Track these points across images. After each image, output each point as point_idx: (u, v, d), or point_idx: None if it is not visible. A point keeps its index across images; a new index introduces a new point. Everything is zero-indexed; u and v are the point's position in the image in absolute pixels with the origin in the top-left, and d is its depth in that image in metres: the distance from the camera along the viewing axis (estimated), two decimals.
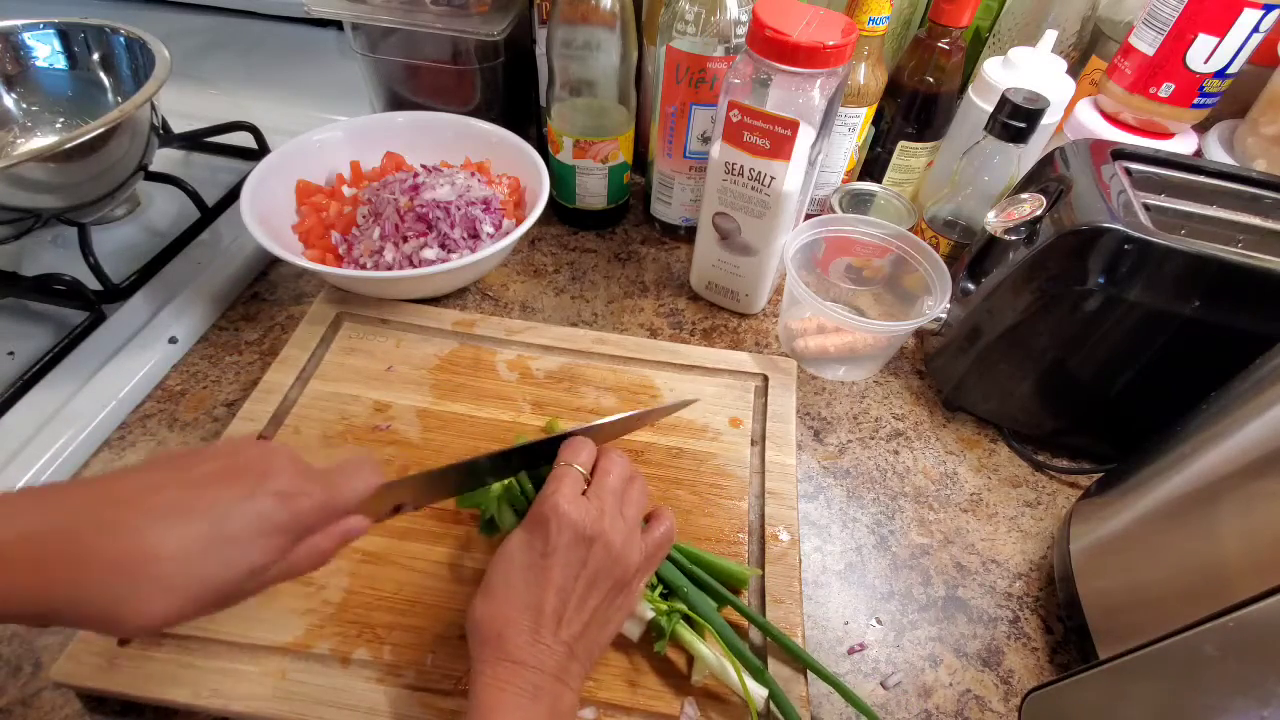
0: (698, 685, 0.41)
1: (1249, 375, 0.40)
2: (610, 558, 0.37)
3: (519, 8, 0.67)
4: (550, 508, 0.37)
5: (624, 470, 0.41)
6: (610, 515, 0.38)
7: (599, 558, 0.37)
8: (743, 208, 0.58)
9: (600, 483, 0.39)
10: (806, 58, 0.49)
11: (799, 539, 0.49)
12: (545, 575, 0.36)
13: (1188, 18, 0.56)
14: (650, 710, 0.40)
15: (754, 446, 0.54)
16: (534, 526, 0.37)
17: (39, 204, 0.57)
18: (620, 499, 0.39)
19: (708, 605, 0.43)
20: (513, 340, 0.60)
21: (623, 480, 0.40)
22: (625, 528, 0.38)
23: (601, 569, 0.37)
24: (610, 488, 0.39)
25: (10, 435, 0.50)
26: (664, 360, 0.59)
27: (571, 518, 0.36)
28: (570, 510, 0.36)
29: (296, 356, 0.57)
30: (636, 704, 0.41)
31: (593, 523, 0.37)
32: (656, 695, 0.41)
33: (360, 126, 0.69)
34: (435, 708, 0.40)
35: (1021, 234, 0.51)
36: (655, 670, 0.42)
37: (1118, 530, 0.43)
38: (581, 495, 0.38)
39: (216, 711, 0.39)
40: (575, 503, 0.37)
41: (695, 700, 0.41)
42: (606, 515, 0.37)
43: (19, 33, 0.65)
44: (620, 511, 0.39)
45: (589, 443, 0.41)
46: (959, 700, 0.44)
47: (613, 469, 0.40)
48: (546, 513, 0.37)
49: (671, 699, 0.41)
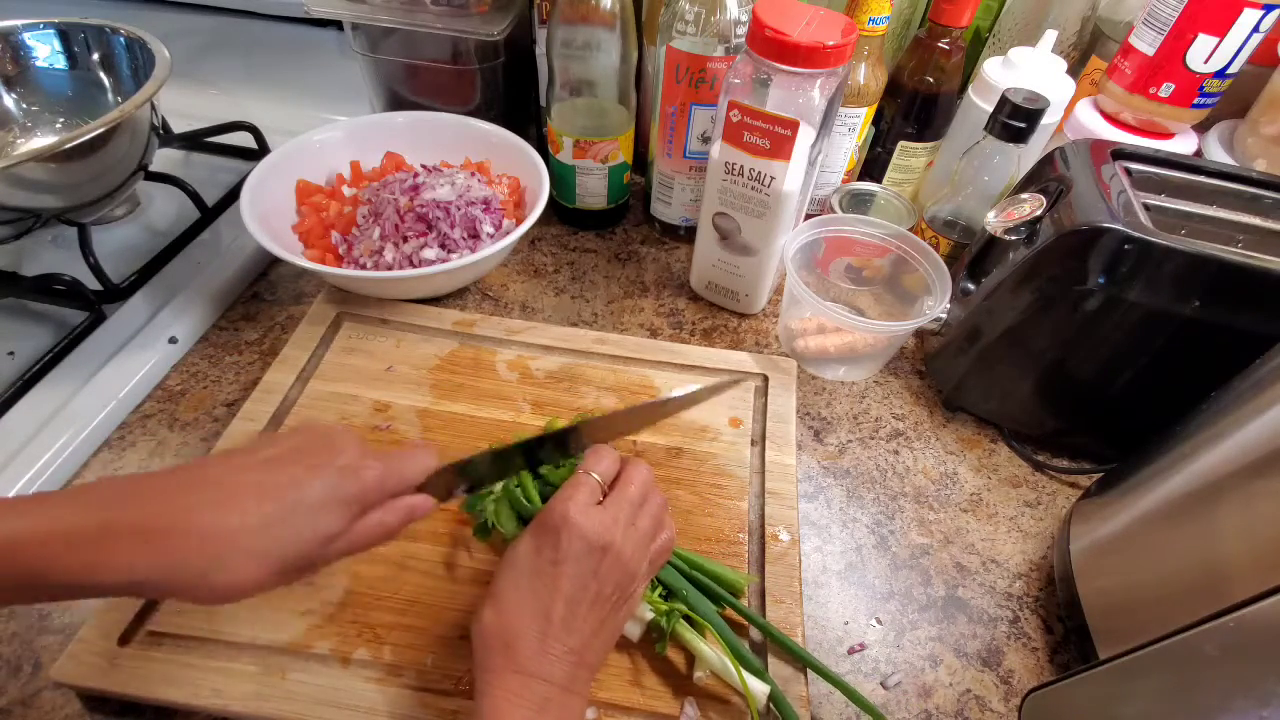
0: (699, 684, 0.41)
1: (1249, 375, 0.40)
2: (620, 568, 0.37)
3: (519, 8, 0.67)
4: (561, 516, 0.36)
5: (645, 482, 0.40)
6: (624, 525, 0.37)
7: (609, 568, 0.36)
8: (743, 208, 0.58)
9: (620, 492, 0.39)
10: (806, 58, 0.49)
11: (799, 539, 0.49)
12: (555, 584, 0.35)
13: (1188, 18, 0.56)
14: (651, 710, 0.41)
15: (754, 447, 0.54)
16: (544, 533, 0.37)
17: (39, 204, 0.57)
18: (637, 510, 0.39)
19: (707, 606, 0.43)
20: (513, 340, 0.60)
21: (643, 492, 0.40)
22: (637, 538, 0.38)
23: (611, 579, 0.36)
24: (629, 498, 0.38)
25: (10, 435, 0.50)
26: (664, 360, 0.59)
27: (584, 527, 0.36)
28: (583, 520, 0.36)
29: (296, 356, 0.57)
30: (637, 704, 0.41)
31: (605, 532, 0.36)
32: (657, 695, 0.41)
33: (360, 126, 0.69)
34: (435, 707, 0.40)
35: (1021, 234, 0.51)
36: (655, 670, 0.42)
37: (1118, 530, 0.43)
38: (596, 504, 0.38)
39: (217, 711, 0.39)
40: (588, 512, 0.37)
41: (696, 700, 0.41)
42: (620, 524, 0.37)
43: (19, 33, 0.65)
44: (634, 522, 0.38)
45: (613, 453, 0.41)
46: (959, 700, 0.44)
47: (635, 479, 0.39)
48: (557, 521, 0.36)
49: (671, 699, 0.41)
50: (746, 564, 0.48)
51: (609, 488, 0.39)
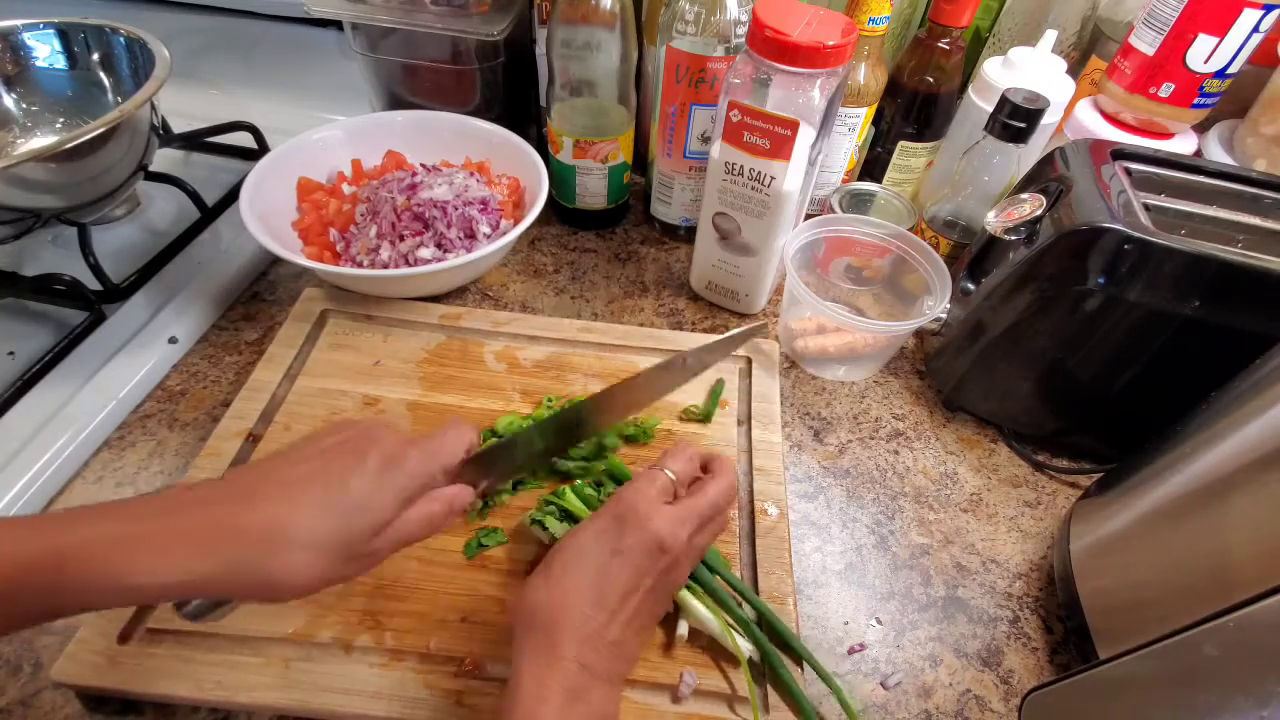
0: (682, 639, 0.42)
1: (1249, 375, 0.40)
2: (674, 573, 0.37)
3: (519, 8, 0.67)
4: (630, 507, 0.36)
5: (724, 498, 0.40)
6: (689, 533, 0.37)
7: (665, 569, 0.36)
8: (743, 208, 0.58)
9: (696, 500, 0.38)
10: (806, 58, 0.49)
11: (787, 513, 0.50)
12: (612, 573, 0.35)
13: (1188, 18, 0.56)
14: (651, 681, 0.41)
15: (740, 426, 0.56)
16: (612, 521, 0.36)
17: (39, 204, 0.57)
18: (705, 524, 0.38)
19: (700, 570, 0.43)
20: (500, 331, 0.61)
21: (715, 509, 0.39)
22: (694, 552, 0.38)
23: (664, 580, 0.36)
24: (701, 510, 0.38)
25: (10, 435, 0.50)
26: (650, 346, 0.60)
27: (654, 524, 0.36)
28: (654, 516, 0.36)
29: (283, 354, 0.57)
30: (638, 676, 0.41)
31: (670, 534, 0.36)
32: (656, 666, 0.42)
33: (360, 126, 0.69)
34: (440, 689, 0.40)
35: (1021, 234, 0.51)
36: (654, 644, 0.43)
37: (1118, 530, 0.43)
38: (668, 504, 0.37)
39: (220, 703, 0.40)
40: (658, 509, 0.36)
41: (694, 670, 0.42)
42: (686, 531, 0.37)
43: (19, 33, 0.65)
44: (700, 531, 0.38)
45: (692, 452, 0.41)
46: (959, 700, 0.44)
47: (712, 493, 0.39)
48: (625, 511, 0.36)
49: (672, 668, 0.42)
50: (737, 538, 0.49)
51: (686, 489, 0.39)
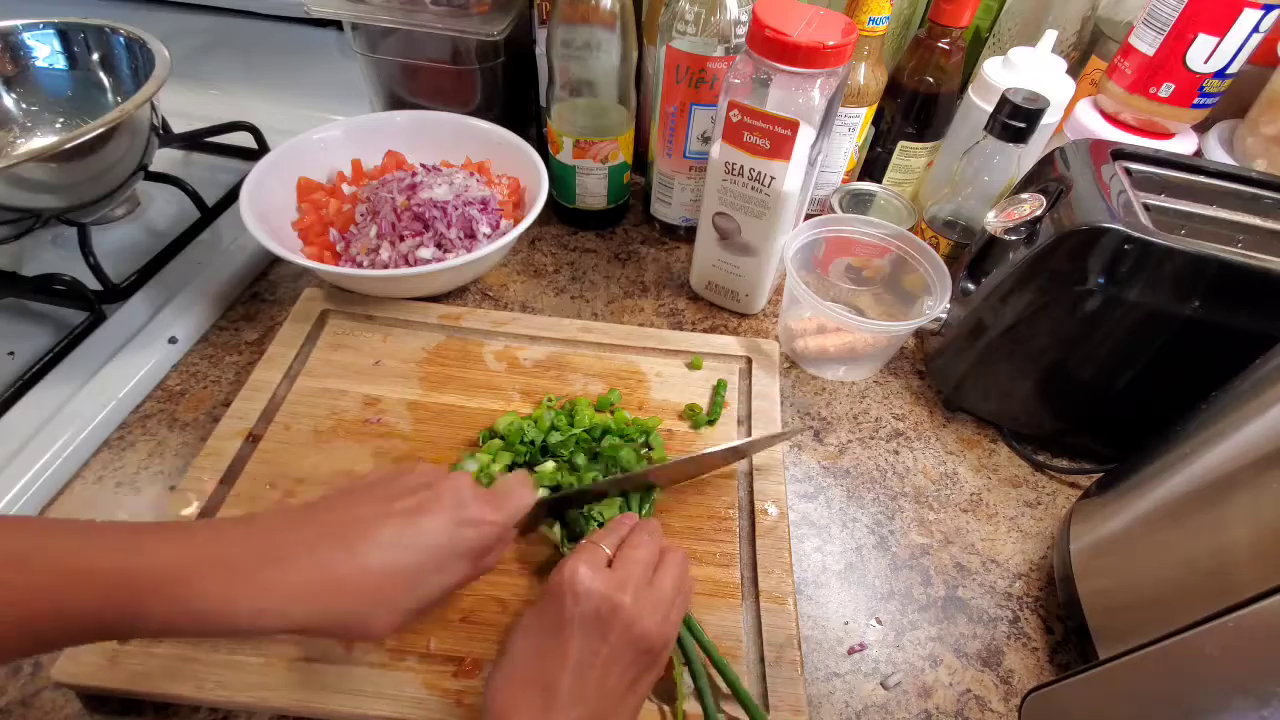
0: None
1: (1249, 375, 0.40)
2: (635, 631, 0.34)
3: (519, 8, 0.67)
4: (565, 580, 0.35)
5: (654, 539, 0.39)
6: (636, 585, 0.36)
7: (621, 631, 0.34)
8: (743, 208, 0.58)
9: (628, 552, 0.37)
10: (806, 58, 0.49)
11: (787, 512, 0.50)
12: (560, 651, 0.34)
13: (1188, 18, 0.56)
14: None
15: (740, 426, 0.56)
16: (548, 599, 0.36)
17: (39, 204, 0.57)
18: (650, 569, 0.37)
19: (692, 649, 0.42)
20: (499, 331, 0.61)
21: (653, 551, 0.38)
22: (654, 599, 0.36)
23: (624, 642, 0.34)
24: (638, 558, 0.37)
25: (10, 435, 0.50)
26: (650, 346, 0.60)
27: (588, 587, 0.34)
28: (588, 581, 0.35)
29: (283, 354, 0.57)
30: None
31: (612, 593, 0.34)
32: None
33: (360, 126, 0.69)
34: (440, 688, 0.40)
35: (1021, 234, 0.51)
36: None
37: (1118, 530, 0.43)
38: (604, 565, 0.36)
39: (220, 703, 0.40)
40: (595, 573, 0.35)
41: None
42: (631, 584, 0.35)
43: (19, 33, 0.65)
44: (649, 581, 0.37)
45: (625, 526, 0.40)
46: (959, 700, 0.44)
47: (642, 541, 0.38)
48: (561, 585, 0.35)
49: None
50: (737, 538, 0.49)
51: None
